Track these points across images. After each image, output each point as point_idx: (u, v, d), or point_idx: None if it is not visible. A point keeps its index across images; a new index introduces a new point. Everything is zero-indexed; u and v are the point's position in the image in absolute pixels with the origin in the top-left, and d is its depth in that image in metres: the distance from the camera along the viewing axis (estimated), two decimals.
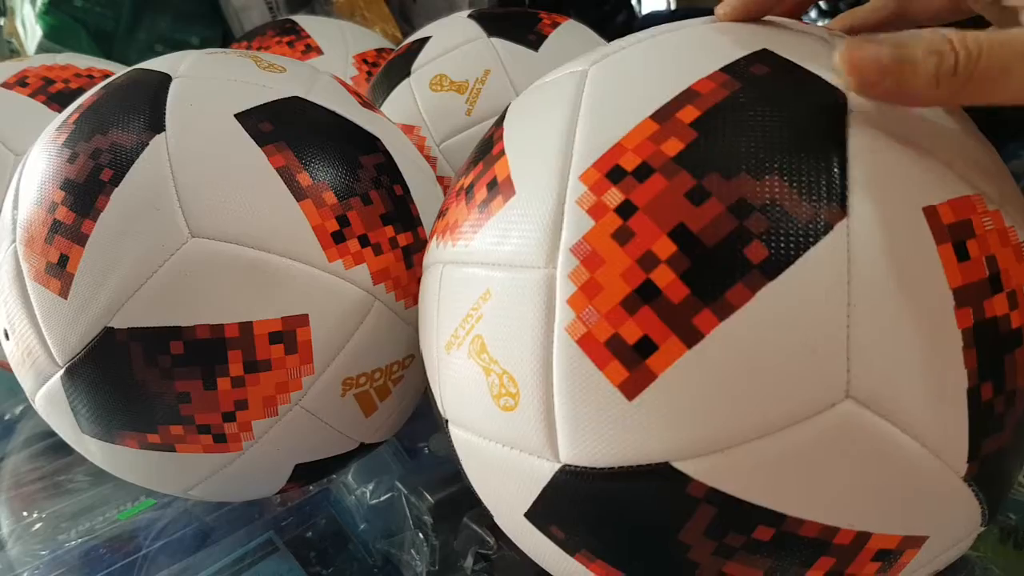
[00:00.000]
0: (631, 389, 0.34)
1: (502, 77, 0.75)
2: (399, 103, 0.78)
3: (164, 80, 0.53)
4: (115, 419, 0.50)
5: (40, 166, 0.52)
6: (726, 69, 0.37)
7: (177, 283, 0.47)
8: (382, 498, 0.69)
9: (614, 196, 0.36)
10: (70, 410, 0.51)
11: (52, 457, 0.82)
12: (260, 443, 0.51)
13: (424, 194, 0.58)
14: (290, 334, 0.49)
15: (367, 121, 0.57)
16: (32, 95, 0.74)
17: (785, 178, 0.34)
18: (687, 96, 0.37)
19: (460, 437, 0.44)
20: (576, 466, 0.37)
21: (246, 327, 0.48)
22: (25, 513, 0.74)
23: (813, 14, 1.15)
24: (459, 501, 0.65)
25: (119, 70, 0.80)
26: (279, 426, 0.51)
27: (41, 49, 1.22)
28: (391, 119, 0.65)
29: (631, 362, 0.34)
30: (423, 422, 0.61)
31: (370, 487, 0.70)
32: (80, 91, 0.75)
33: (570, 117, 0.39)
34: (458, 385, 0.42)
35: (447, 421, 0.45)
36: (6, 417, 0.92)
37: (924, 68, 0.33)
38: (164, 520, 0.70)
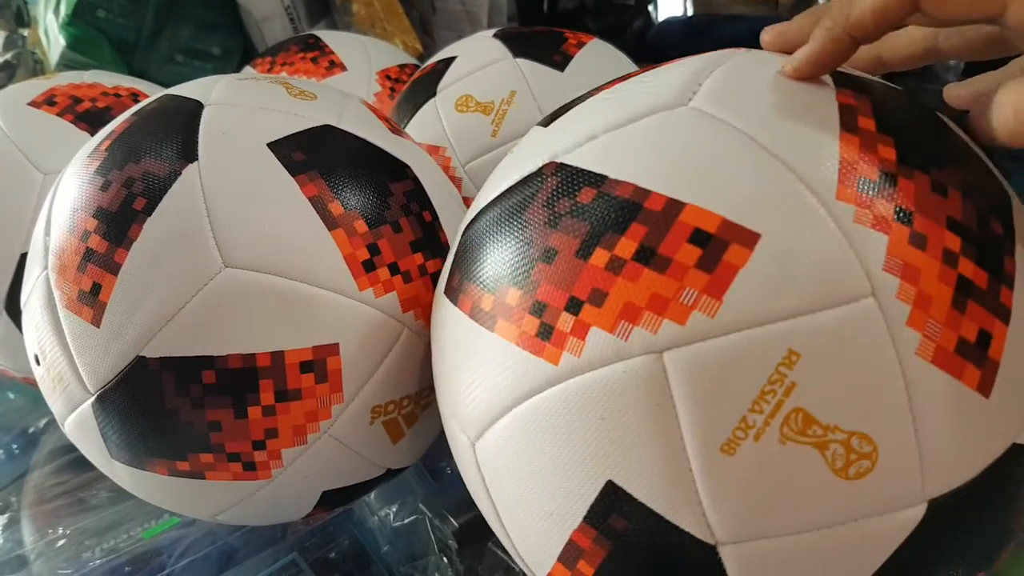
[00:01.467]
0: (986, 386, 0.35)
1: (528, 98, 0.75)
2: (425, 123, 0.78)
3: (196, 108, 0.53)
4: (145, 446, 0.51)
5: (72, 193, 0.52)
6: None
7: (210, 313, 0.47)
8: (406, 520, 0.69)
9: (885, 206, 0.35)
10: (100, 436, 0.52)
11: (76, 472, 0.82)
12: (289, 471, 0.52)
13: (452, 219, 0.57)
14: (320, 363, 0.49)
15: (396, 147, 0.57)
16: (60, 114, 0.74)
17: None
18: None
19: (758, 552, 0.36)
20: (946, 492, 0.35)
21: (278, 356, 0.48)
22: (50, 530, 0.74)
23: None
24: (484, 525, 0.64)
25: (145, 87, 0.81)
26: (308, 454, 0.51)
27: (64, 59, 1.22)
28: (416, 140, 0.65)
29: (979, 359, 0.35)
30: (444, 441, 0.61)
31: (393, 508, 0.71)
32: (107, 110, 0.76)
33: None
34: (765, 485, 0.35)
35: (720, 544, 0.36)
36: (30, 430, 0.92)
37: None
38: (189, 539, 0.71)
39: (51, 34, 1.25)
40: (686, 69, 0.44)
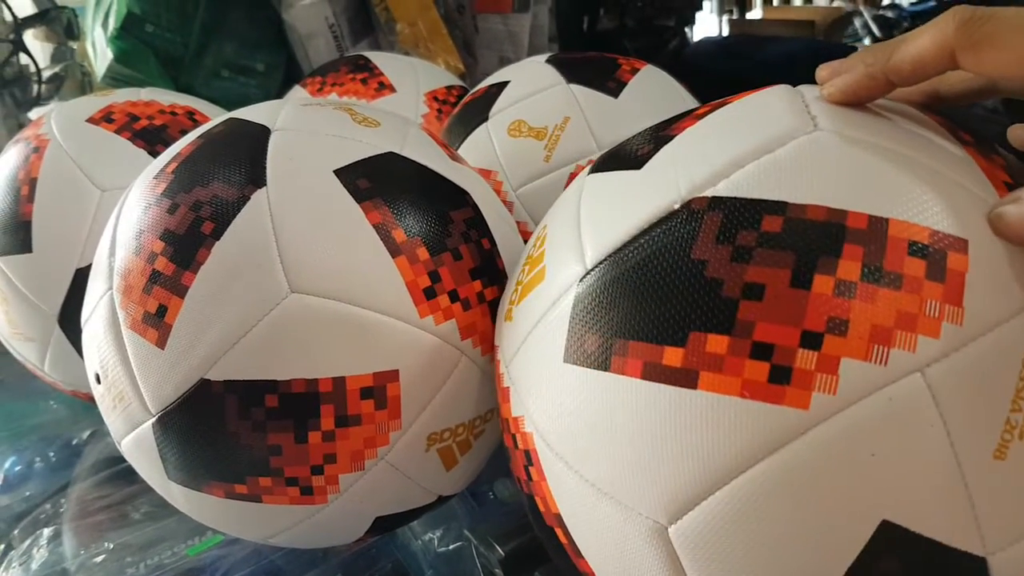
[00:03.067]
0: None
1: (581, 124, 0.75)
2: (477, 147, 0.79)
3: (263, 132, 0.54)
4: (204, 469, 0.51)
5: (139, 214, 0.52)
6: None
7: (276, 337, 0.48)
8: (451, 547, 0.69)
9: None
10: (159, 457, 0.52)
11: (119, 484, 0.82)
12: (344, 496, 0.52)
13: (509, 246, 0.58)
14: (380, 389, 0.49)
15: (456, 175, 0.57)
16: (117, 131, 0.75)
17: None
18: None
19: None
20: None
21: (339, 382, 0.48)
22: (92, 544, 0.75)
23: None
24: (530, 554, 0.65)
25: (202, 107, 0.82)
26: (364, 480, 0.51)
27: (111, 72, 1.23)
28: (468, 163, 0.65)
29: None
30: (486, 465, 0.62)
31: (438, 534, 0.70)
32: (164, 128, 0.77)
33: None
34: None
35: (990, 555, 0.35)
36: (74, 442, 0.93)
37: None
38: (233, 557, 0.71)
39: (99, 47, 1.26)
40: (775, 100, 0.44)
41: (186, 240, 0.49)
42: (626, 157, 0.46)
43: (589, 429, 0.39)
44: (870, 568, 0.35)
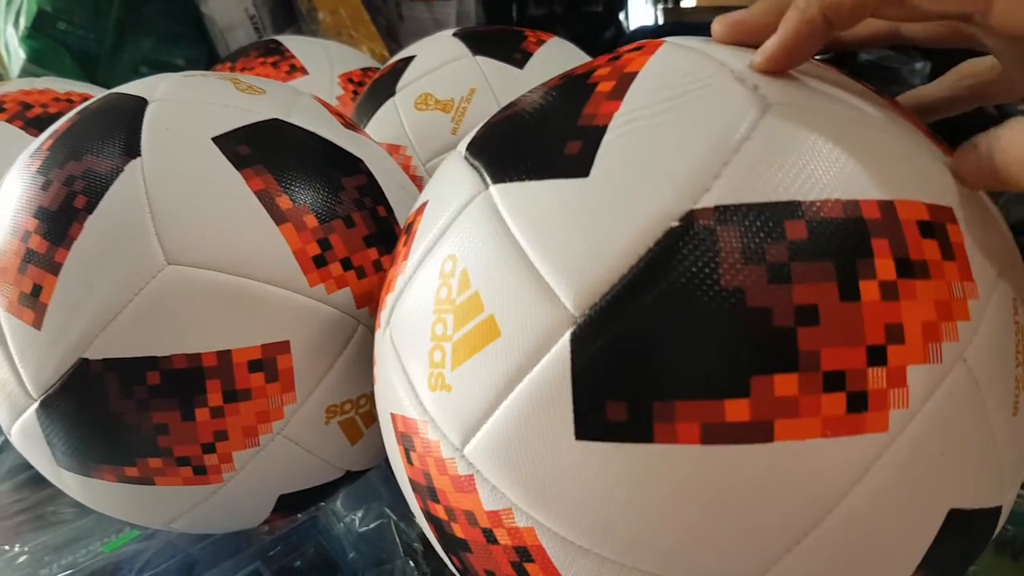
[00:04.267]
0: None
1: (488, 95, 0.74)
2: (384, 123, 0.77)
3: (140, 104, 0.52)
4: (92, 452, 0.49)
5: (14, 194, 0.50)
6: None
7: (153, 312, 0.46)
8: (371, 525, 0.68)
9: None
10: (46, 443, 0.50)
11: (37, 488, 0.80)
12: (242, 474, 0.50)
13: (408, 214, 0.56)
14: (270, 362, 0.48)
15: (349, 142, 0.56)
16: (9, 120, 0.73)
17: None
18: None
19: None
20: None
21: (224, 356, 0.47)
22: (7, 546, 0.72)
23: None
24: None
25: (99, 93, 0.80)
26: (261, 457, 0.50)
27: (24, 73, 1.21)
28: (377, 139, 0.64)
29: None
30: None
31: (359, 514, 0.69)
32: (58, 116, 0.74)
33: None
34: None
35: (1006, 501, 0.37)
36: None
37: None
38: (149, 552, 0.69)
39: (11, 47, 1.23)
40: (694, 66, 0.38)
41: (59, 216, 0.48)
42: (547, 160, 0.37)
43: (633, 513, 0.33)
44: (935, 556, 0.35)
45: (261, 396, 0.48)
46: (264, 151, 0.50)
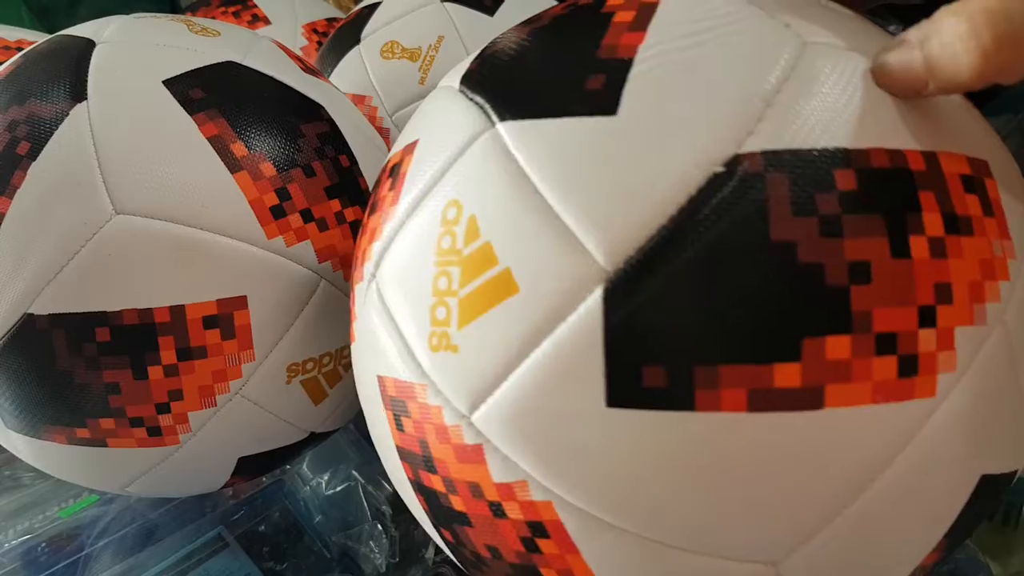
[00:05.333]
0: None
1: (456, 43, 0.72)
2: (349, 72, 0.75)
3: (87, 46, 0.49)
4: (41, 413, 0.47)
5: None
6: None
7: (101, 264, 0.44)
8: (338, 488, 0.66)
9: None
10: None
11: None
12: (198, 436, 0.48)
13: (373, 166, 0.54)
14: (226, 318, 0.46)
15: (309, 87, 0.53)
16: None
17: None
18: None
19: None
20: None
21: (178, 311, 0.44)
22: None
23: None
24: None
25: None
26: (218, 417, 0.48)
27: None
28: (341, 89, 0.61)
29: None
30: None
31: (325, 477, 0.67)
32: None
33: None
34: None
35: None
36: None
37: (957, 57, 0.29)
38: (108, 517, 0.67)
39: None
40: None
41: (0, 163, 0.45)
42: (565, 95, 0.33)
43: (666, 484, 0.31)
44: (962, 522, 0.34)
45: (217, 354, 0.46)
46: (218, 95, 0.48)
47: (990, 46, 0.28)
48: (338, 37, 0.79)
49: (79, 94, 0.46)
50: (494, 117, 0.35)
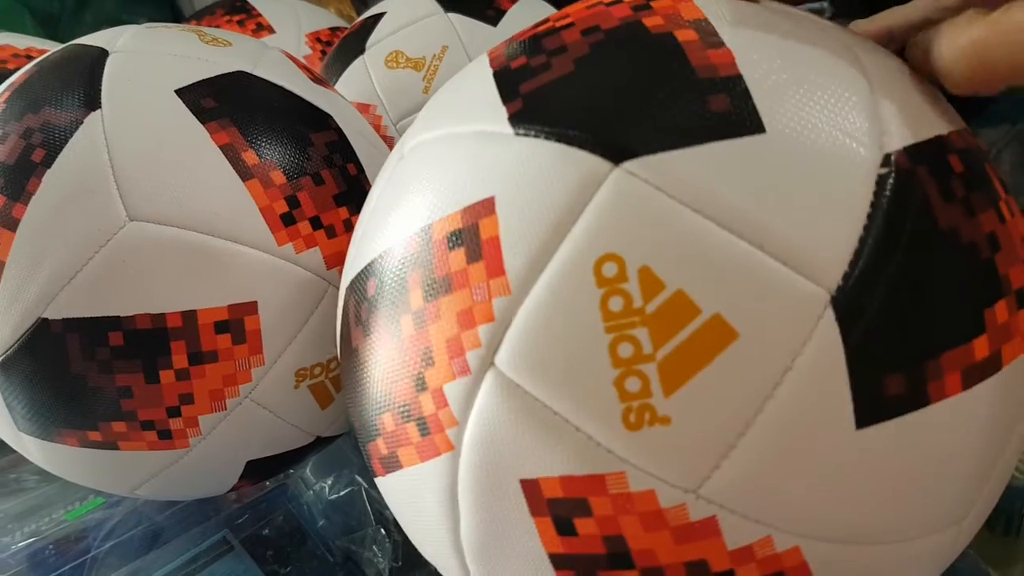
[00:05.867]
0: None
1: (460, 53, 0.73)
2: (354, 81, 0.76)
3: (101, 55, 0.50)
4: (53, 416, 0.47)
5: None
6: None
7: (115, 270, 0.44)
8: (342, 493, 0.67)
9: None
10: (5, 407, 0.48)
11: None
12: (208, 439, 0.49)
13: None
14: (237, 323, 0.46)
15: (318, 97, 0.54)
16: None
17: None
18: None
19: None
20: None
21: (189, 316, 0.45)
22: None
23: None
24: None
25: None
26: (228, 421, 0.48)
27: None
28: (345, 98, 0.62)
29: None
30: None
31: (329, 481, 0.68)
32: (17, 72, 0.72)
33: None
34: None
35: None
36: None
37: None
38: (114, 520, 0.67)
39: None
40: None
41: (16, 170, 0.46)
42: (692, 120, 0.31)
43: (911, 487, 0.31)
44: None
45: (228, 358, 0.47)
46: (229, 104, 0.49)
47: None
48: (343, 46, 0.80)
49: (93, 102, 0.47)
50: (610, 156, 0.31)
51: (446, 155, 0.36)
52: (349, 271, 0.41)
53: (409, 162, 0.39)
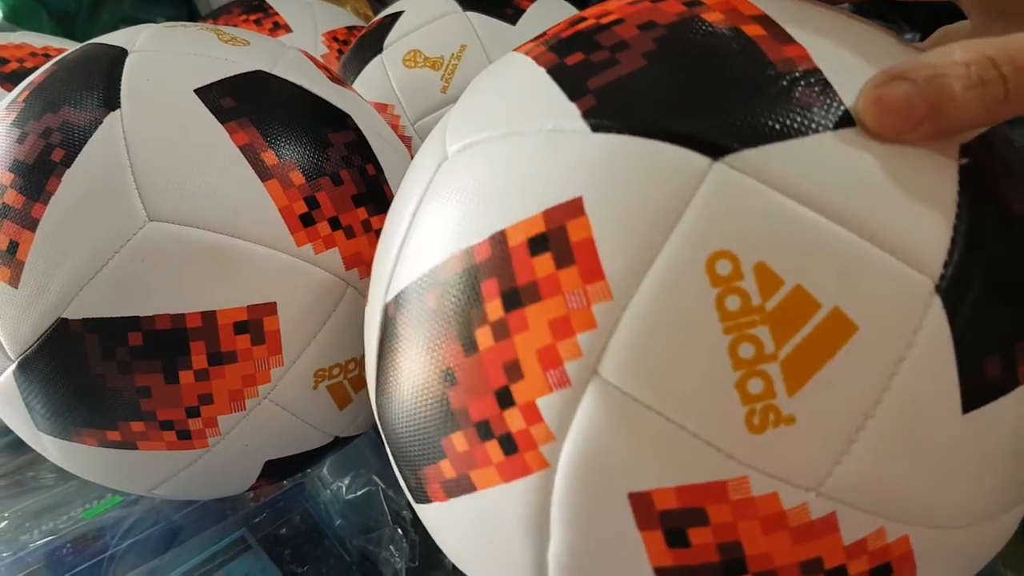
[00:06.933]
0: None
1: (479, 53, 0.73)
2: (371, 80, 0.75)
3: (120, 55, 0.50)
4: (72, 416, 0.47)
5: None
6: None
7: (135, 270, 0.44)
8: (359, 492, 0.67)
9: None
10: (25, 407, 0.48)
11: (16, 453, 0.78)
12: (227, 439, 0.49)
13: (398, 174, 0.54)
14: (256, 323, 0.46)
15: (336, 97, 0.54)
16: None
17: None
18: None
19: None
20: None
21: (209, 316, 0.45)
22: None
23: None
24: None
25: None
26: (247, 421, 0.48)
27: (1, 31, 1.18)
28: (363, 97, 0.62)
29: None
30: None
31: (346, 481, 0.68)
32: (35, 70, 0.72)
33: None
34: None
35: None
36: None
37: (967, 102, 0.29)
38: (131, 518, 0.67)
39: None
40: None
41: (35, 170, 0.46)
42: (786, 113, 0.31)
43: (1006, 465, 0.32)
44: None
45: (247, 359, 0.46)
46: (249, 104, 0.49)
47: (999, 93, 0.29)
48: (360, 45, 0.80)
49: (112, 102, 0.47)
50: (707, 151, 0.30)
51: (510, 156, 0.34)
52: (394, 282, 0.38)
53: (458, 165, 0.36)
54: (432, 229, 0.36)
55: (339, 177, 0.50)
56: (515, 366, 0.31)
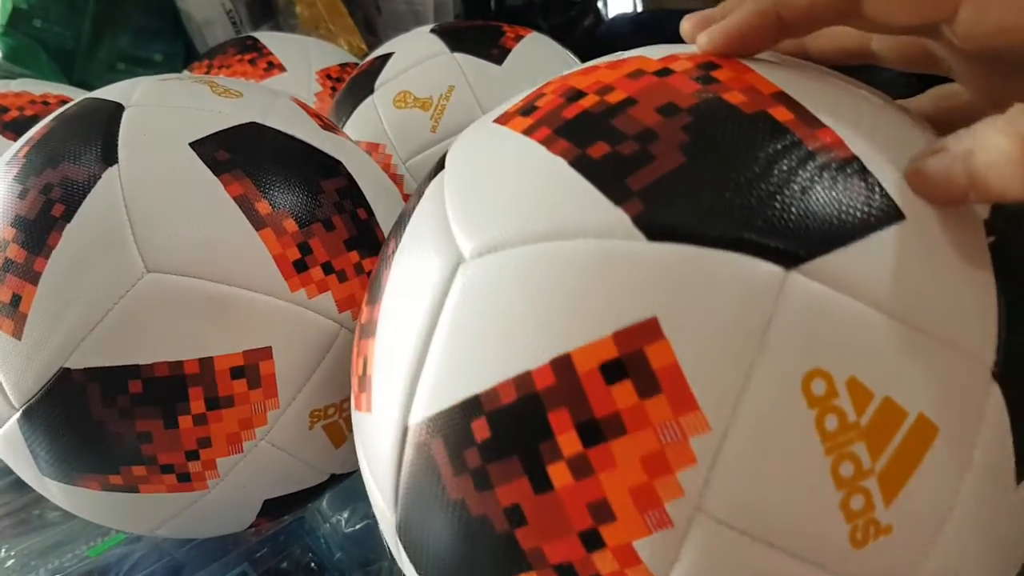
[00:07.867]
0: None
1: (466, 93, 0.74)
2: (363, 121, 0.77)
3: (117, 110, 0.52)
4: (75, 461, 0.49)
5: None
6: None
7: (134, 320, 0.46)
8: (358, 526, 0.68)
9: None
10: (29, 453, 0.50)
11: (22, 491, 0.79)
12: (226, 481, 0.50)
13: (390, 217, 0.56)
14: (252, 368, 0.48)
15: (327, 144, 0.56)
16: None
17: None
18: None
19: None
20: None
21: (206, 363, 0.47)
22: None
23: None
24: None
25: (76, 95, 0.79)
26: (245, 463, 0.50)
27: (0, 71, 1.20)
28: (356, 137, 0.63)
29: None
30: None
31: (345, 515, 0.69)
32: (35, 118, 0.74)
33: None
34: None
35: None
36: None
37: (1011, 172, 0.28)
38: (135, 555, 0.69)
39: None
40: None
41: (37, 225, 0.47)
42: (838, 217, 0.30)
43: None
44: None
45: (244, 402, 0.48)
46: (242, 156, 0.50)
47: None
48: (352, 87, 0.82)
49: (110, 157, 0.48)
50: (780, 261, 0.29)
51: (555, 268, 0.31)
52: (419, 402, 0.34)
53: (486, 272, 0.32)
54: (465, 347, 0.32)
55: (331, 223, 0.51)
56: (604, 506, 0.29)
